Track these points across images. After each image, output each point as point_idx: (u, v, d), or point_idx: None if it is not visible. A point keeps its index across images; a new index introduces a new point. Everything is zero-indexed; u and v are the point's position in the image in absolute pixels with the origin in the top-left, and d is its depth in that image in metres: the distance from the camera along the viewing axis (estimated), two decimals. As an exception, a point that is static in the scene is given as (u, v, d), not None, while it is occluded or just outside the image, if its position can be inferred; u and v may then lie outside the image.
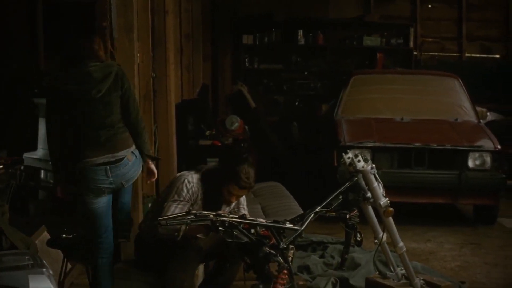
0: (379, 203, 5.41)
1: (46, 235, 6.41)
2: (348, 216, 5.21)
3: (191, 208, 5.17)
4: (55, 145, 5.36)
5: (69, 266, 6.32)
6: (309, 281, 6.49)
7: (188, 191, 5.21)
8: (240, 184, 5.17)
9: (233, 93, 13.55)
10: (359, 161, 5.33)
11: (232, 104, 13.44)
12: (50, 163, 5.66)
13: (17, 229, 5.74)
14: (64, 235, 5.62)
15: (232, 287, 5.53)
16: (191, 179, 5.26)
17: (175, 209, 5.15)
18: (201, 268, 5.80)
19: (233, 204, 5.48)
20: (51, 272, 4.01)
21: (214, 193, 5.27)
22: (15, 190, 6.67)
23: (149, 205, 6.48)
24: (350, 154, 5.39)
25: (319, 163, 10.28)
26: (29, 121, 9.02)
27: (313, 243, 7.75)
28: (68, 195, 5.52)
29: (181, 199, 5.19)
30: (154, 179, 5.81)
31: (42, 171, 8.92)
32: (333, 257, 7.20)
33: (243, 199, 5.60)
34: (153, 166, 5.65)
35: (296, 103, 14.43)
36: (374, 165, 5.37)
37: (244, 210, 5.58)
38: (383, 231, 5.61)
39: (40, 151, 8.91)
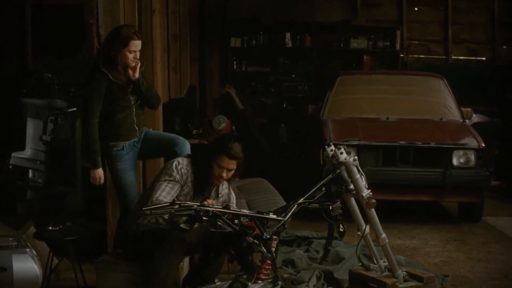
0: (362, 195, 5.49)
1: (33, 230, 6.45)
2: (330, 207, 5.29)
3: (177, 192, 5.26)
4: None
5: (56, 261, 6.38)
6: (294, 274, 6.55)
7: (178, 172, 5.32)
8: (229, 154, 5.28)
9: (221, 95, 13.62)
10: (341, 153, 5.41)
11: (220, 106, 13.51)
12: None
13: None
14: (50, 227, 5.69)
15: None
16: (181, 161, 5.40)
17: (165, 188, 5.26)
18: (186, 261, 5.85)
19: (221, 196, 5.55)
20: (34, 253, 4.07)
21: (203, 174, 5.36)
22: (2, 188, 6.72)
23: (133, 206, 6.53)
24: (333, 147, 5.48)
25: (305, 163, 10.34)
26: (17, 121, 9.05)
27: (298, 238, 7.83)
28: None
29: (172, 179, 5.30)
30: None
31: (30, 171, 8.95)
32: (317, 252, 7.27)
33: (233, 197, 5.68)
34: None
35: (284, 105, 14.49)
36: (356, 157, 5.46)
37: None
38: (366, 223, 5.70)
39: (28, 151, 8.92)
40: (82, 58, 8.30)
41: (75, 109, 7.62)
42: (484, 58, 15.21)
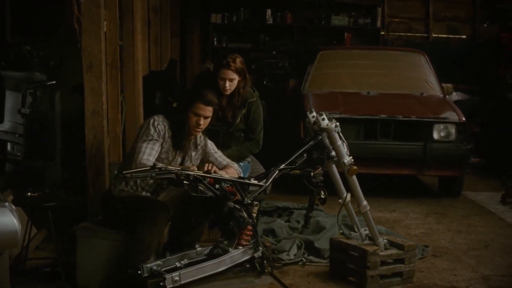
0: (343, 161, 5.48)
1: (11, 199, 6.40)
2: (312, 174, 5.28)
3: (159, 150, 5.24)
4: None
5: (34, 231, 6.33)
6: (274, 244, 6.53)
7: (155, 129, 5.30)
8: (205, 100, 5.28)
9: (202, 71, 13.55)
10: (323, 119, 5.40)
11: (201, 82, 13.42)
12: None
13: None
14: (29, 193, 5.63)
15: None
16: (157, 118, 5.38)
17: (145, 149, 5.23)
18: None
19: (199, 147, 5.54)
20: (13, 207, 4.02)
21: (181, 125, 5.33)
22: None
23: (115, 172, 6.49)
24: (314, 113, 5.46)
25: (286, 137, 10.31)
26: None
27: (279, 209, 7.84)
28: None
29: (150, 138, 5.27)
30: None
31: (9, 144, 8.86)
32: (298, 222, 7.27)
33: (210, 143, 5.66)
34: None
35: (264, 82, 14.43)
36: (338, 123, 5.44)
37: (216, 153, 5.64)
38: (348, 192, 5.69)
39: (7, 124, 8.83)
40: (62, 31, 8.19)
41: (54, 82, 7.54)
42: (464, 36, 15.22)
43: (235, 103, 6.29)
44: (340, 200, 5.66)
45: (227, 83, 6.13)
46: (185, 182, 4.76)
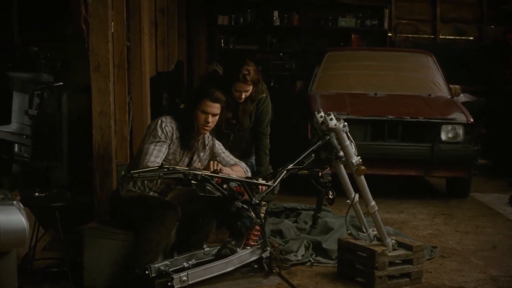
0: (351, 162, 5.46)
1: (19, 199, 6.39)
2: (320, 174, 5.28)
3: (166, 152, 5.22)
4: None
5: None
6: (282, 244, 6.51)
7: (163, 131, 5.29)
8: (212, 97, 5.28)
9: (208, 73, 13.55)
10: (331, 119, 5.39)
11: (207, 83, 13.41)
12: None
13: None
14: (37, 194, 5.62)
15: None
16: (165, 119, 5.37)
17: (152, 151, 5.22)
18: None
19: (207, 147, 5.53)
20: (21, 205, 4.02)
21: (188, 125, 5.32)
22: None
23: (123, 172, 6.48)
24: (322, 113, 5.44)
25: (293, 138, 10.29)
26: (3, 94, 8.96)
27: (286, 210, 7.83)
28: None
29: (157, 139, 5.26)
30: None
31: (16, 145, 8.86)
32: (306, 223, 7.25)
33: (218, 143, 5.66)
34: None
35: (271, 84, 14.40)
36: (346, 123, 5.42)
37: (223, 153, 5.63)
38: (356, 192, 5.68)
39: (14, 125, 8.82)
40: (69, 32, 8.20)
41: (61, 83, 7.53)
42: (471, 38, 15.18)
43: (248, 108, 6.31)
44: (348, 201, 5.64)
45: (243, 94, 6.14)
46: (193, 182, 4.75)
